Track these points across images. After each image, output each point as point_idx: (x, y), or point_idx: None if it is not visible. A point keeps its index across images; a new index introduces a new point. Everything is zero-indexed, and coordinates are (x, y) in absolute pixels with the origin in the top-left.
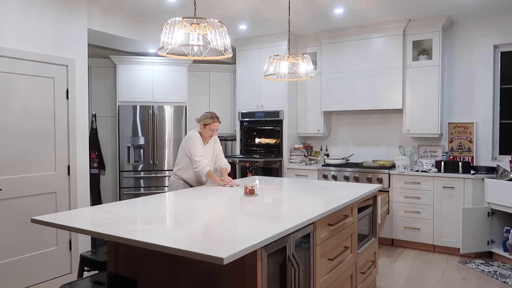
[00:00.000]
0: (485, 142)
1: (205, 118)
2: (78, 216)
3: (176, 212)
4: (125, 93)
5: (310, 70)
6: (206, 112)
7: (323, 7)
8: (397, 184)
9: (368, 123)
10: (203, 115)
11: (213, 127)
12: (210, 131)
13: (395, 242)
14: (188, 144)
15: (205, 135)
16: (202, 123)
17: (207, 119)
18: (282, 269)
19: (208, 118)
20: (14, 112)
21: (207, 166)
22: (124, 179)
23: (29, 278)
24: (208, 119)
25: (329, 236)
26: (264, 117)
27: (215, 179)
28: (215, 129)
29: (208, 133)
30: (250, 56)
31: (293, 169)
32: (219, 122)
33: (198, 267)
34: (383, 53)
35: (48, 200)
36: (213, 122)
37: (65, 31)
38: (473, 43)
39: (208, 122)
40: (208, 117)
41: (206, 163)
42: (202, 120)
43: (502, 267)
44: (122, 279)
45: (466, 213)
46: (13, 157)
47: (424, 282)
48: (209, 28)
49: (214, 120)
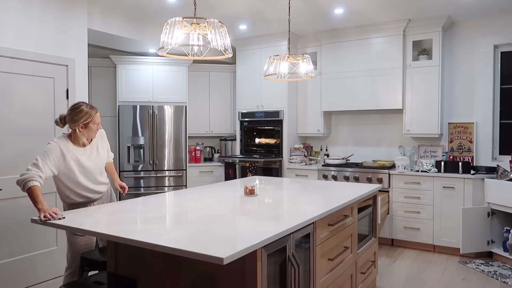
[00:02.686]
0: (485, 142)
1: (84, 115)
2: (78, 216)
3: (176, 212)
4: (125, 93)
5: (310, 70)
6: (76, 108)
7: (323, 7)
8: (397, 184)
9: (368, 123)
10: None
11: (97, 120)
12: (95, 125)
13: (395, 242)
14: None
15: (88, 135)
16: (81, 124)
17: (86, 116)
18: (282, 269)
19: (86, 114)
20: (14, 112)
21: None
22: (124, 179)
23: (29, 278)
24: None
25: (329, 236)
26: (264, 117)
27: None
28: (99, 121)
29: (93, 129)
30: (250, 56)
31: (293, 169)
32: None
33: (198, 267)
34: (383, 53)
35: (48, 200)
36: (95, 114)
37: (65, 31)
38: (473, 43)
39: (89, 119)
40: (86, 113)
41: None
42: (79, 120)
43: (502, 267)
44: (122, 279)
45: (466, 213)
46: (13, 157)
47: (424, 282)
48: (209, 28)
49: (94, 110)
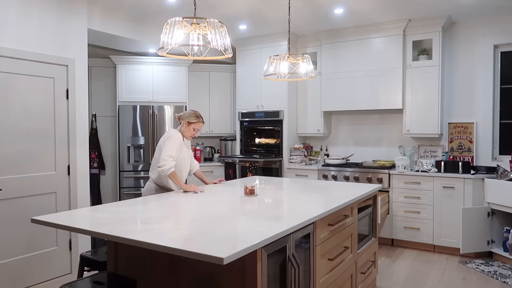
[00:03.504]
0: (485, 142)
1: (191, 116)
2: (78, 216)
3: (176, 212)
4: (125, 93)
5: (310, 70)
6: (191, 110)
7: (323, 7)
8: (397, 184)
9: (368, 123)
10: (188, 113)
11: (197, 127)
12: (194, 130)
13: (395, 242)
14: (166, 141)
15: (187, 134)
16: (187, 120)
17: (192, 117)
18: (282, 269)
19: (194, 116)
20: (14, 112)
21: (172, 168)
22: (124, 179)
23: (29, 278)
24: (194, 118)
25: (329, 236)
26: (264, 117)
27: (179, 183)
28: (199, 129)
29: (191, 132)
30: (250, 56)
31: (293, 169)
32: (203, 123)
33: (198, 267)
34: (383, 53)
35: (48, 200)
36: (199, 122)
37: (65, 31)
38: (473, 43)
39: (194, 121)
40: (194, 116)
41: (173, 164)
42: (187, 117)
43: (502, 267)
44: (122, 279)
45: (466, 213)
46: (13, 157)
47: (424, 282)
48: (209, 28)
49: (199, 120)
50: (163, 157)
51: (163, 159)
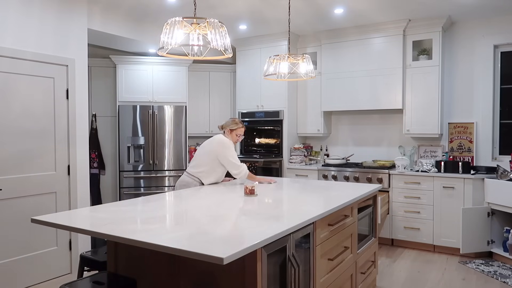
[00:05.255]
0: (485, 142)
1: (232, 123)
2: (78, 216)
3: (176, 212)
4: (125, 93)
5: (310, 70)
6: (230, 119)
7: (323, 7)
8: (397, 184)
9: (368, 123)
10: (228, 122)
11: (240, 133)
12: (237, 136)
13: (395, 242)
14: (224, 150)
15: (232, 140)
16: (229, 128)
17: (232, 125)
18: (282, 269)
19: (234, 123)
20: (14, 112)
21: (247, 171)
22: (124, 179)
23: (29, 278)
24: (234, 125)
25: (329, 236)
26: (264, 117)
27: (256, 178)
28: (241, 134)
29: (235, 138)
30: (250, 56)
31: (293, 169)
32: (244, 128)
33: (198, 267)
34: (383, 53)
35: (48, 200)
36: (239, 128)
37: (65, 31)
38: (473, 43)
39: (234, 127)
40: (234, 123)
41: (245, 167)
42: (228, 126)
43: (502, 267)
44: (122, 279)
45: (466, 213)
46: (13, 157)
47: (424, 282)
48: (209, 28)
49: (239, 125)
50: (236, 164)
51: (238, 166)
